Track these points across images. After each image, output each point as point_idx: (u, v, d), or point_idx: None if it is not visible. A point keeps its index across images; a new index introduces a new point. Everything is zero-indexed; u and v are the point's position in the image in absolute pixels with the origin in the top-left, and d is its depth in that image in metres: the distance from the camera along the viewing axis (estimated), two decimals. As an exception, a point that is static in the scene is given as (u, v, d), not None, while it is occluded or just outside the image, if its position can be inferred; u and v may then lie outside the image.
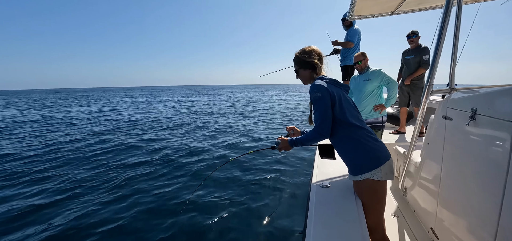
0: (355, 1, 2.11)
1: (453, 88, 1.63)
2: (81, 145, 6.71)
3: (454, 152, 1.43)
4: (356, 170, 1.29)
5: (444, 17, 1.54)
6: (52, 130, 9.27)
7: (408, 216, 1.93)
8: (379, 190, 1.29)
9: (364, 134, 1.28)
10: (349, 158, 1.32)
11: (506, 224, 1.01)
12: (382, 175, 1.24)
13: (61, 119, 12.16)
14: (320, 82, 1.32)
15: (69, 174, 4.50)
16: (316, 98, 1.28)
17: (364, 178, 1.26)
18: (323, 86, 1.29)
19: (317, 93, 1.28)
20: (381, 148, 1.29)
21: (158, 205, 3.36)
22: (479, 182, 1.20)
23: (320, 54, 1.47)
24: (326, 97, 1.27)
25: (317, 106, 1.28)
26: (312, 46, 1.48)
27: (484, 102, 1.17)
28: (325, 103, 1.26)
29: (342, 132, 1.30)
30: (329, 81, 1.36)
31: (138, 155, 5.70)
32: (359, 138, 1.27)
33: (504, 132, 1.02)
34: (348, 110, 1.31)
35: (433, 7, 2.66)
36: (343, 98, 1.33)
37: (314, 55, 1.44)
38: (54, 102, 27.65)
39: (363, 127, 1.31)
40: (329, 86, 1.31)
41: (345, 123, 1.29)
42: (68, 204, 3.38)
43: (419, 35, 3.54)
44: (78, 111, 16.60)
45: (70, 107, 20.06)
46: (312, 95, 1.31)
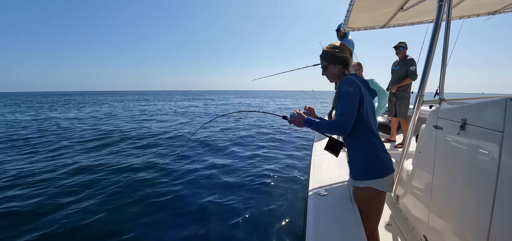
0: (349, 14, 2.19)
1: (443, 99, 1.70)
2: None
3: (445, 161, 1.48)
4: (361, 175, 1.28)
5: (434, 31, 1.62)
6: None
7: (400, 224, 1.97)
8: (379, 200, 1.30)
9: (378, 143, 1.28)
10: (359, 162, 1.29)
11: (497, 231, 1.05)
12: (384, 186, 1.25)
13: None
14: (354, 78, 1.28)
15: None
16: (346, 93, 1.23)
17: (367, 186, 1.26)
18: (356, 82, 1.26)
19: (349, 87, 1.23)
20: (388, 160, 1.29)
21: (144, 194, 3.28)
22: (469, 190, 1.25)
23: (351, 50, 1.41)
24: (356, 94, 1.23)
25: (345, 101, 1.23)
26: (341, 42, 1.41)
27: (473, 113, 1.22)
28: (354, 100, 1.22)
29: (360, 135, 1.26)
30: (361, 79, 1.33)
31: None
32: (373, 146, 1.26)
33: (493, 141, 1.07)
34: (371, 116, 1.29)
35: (422, 22, 2.79)
36: (368, 103, 1.30)
37: (345, 50, 1.38)
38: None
39: (378, 136, 1.30)
40: (361, 84, 1.29)
41: (365, 127, 1.26)
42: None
43: (407, 46, 3.65)
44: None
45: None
46: (343, 88, 1.25)
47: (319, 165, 1.99)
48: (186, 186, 4.08)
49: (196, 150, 6.40)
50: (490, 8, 2.58)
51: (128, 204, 3.44)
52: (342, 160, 2.04)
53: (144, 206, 3.41)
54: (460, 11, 2.60)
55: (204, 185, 4.15)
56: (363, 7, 2.14)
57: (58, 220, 3.02)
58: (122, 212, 3.26)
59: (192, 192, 3.87)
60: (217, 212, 3.29)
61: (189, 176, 4.52)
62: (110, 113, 16.52)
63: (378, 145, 1.28)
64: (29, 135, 8.46)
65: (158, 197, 3.68)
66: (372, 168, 1.25)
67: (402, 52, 3.65)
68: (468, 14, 2.71)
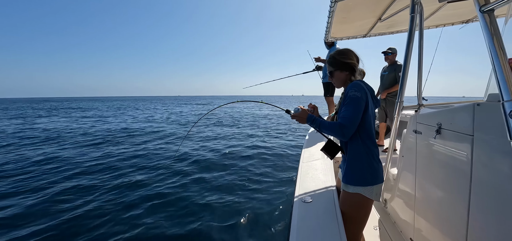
0: (330, 25, 2.28)
1: (421, 104, 1.77)
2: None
3: (425, 164, 1.53)
4: (353, 180, 1.30)
5: (408, 41, 1.71)
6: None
7: (389, 227, 2.00)
8: (365, 206, 1.31)
9: (375, 151, 1.31)
10: (353, 167, 1.30)
11: (474, 227, 1.09)
12: (373, 195, 1.28)
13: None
14: (362, 84, 1.30)
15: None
16: (354, 97, 1.23)
17: (356, 192, 1.28)
18: (363, 88, 1.28)
19: (357, 92, 1.24)
20: (380, 170, 1.32)
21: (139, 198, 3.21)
22: (447, 191, 1.29)
23: (358, 56, 1.41)
24: (363, 100, 1.24)
25: (351, 106, 1.23)
26: (348, 48, 1.42)
27: (447, 118, 1.28)
28: (360, 106, 1.23)
29: (360, 141, 1.28)
30: (369, 88, 1.35)
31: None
32: (370, 154, 1.28)
33: (465, 144, 1.12)
34: (372, 124, 1.32)
35: (401, 31, 2.92)
36: (372, 111, 1.33)
37: (352, 56, 1.38)
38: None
39: (376, 145, 1.33)
40: (368, 92, 1.31)
41: (366, 134, 1.28)
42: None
43: (396, 52, 3.70)
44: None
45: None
46: (351, 92, 1.25)
47: (306, 172, 2.01)
48: (171, 188, 4.12)
49: (192, 149, 6.37)
50: (463, 17, 2.73)
51: (126, 206, 3.44)
52: (328, 167, 2.07)
53: (141, 208, 3.42)
54: (436, 21, 2.74)
55: (194, 187, 4.18)
56: (342, 18, 2.23)
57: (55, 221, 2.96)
58: (120, 213, 3.22)
59: (177, 192, 3.86)
60: (196, 215, 3.29)
61: (178, 178, 4.53)
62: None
63: (375, 153, 1.30)
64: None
65: (153, 199, 3.72)
66: (365, 175, 1.27)
67: (391, 57, 3.71)
68: (443, 23, 2.86)
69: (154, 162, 5.84)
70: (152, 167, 5.44)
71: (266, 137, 9.64)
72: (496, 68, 0.83)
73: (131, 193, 4.00)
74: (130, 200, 3.76)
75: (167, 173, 5.14)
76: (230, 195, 3.98)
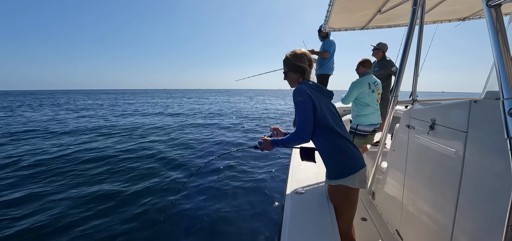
0: (330, 15, 2.22)
1: (415, 99, 1.77)
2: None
3: (416, 158, 1.55)
4: (332, 174, 1.33)
5: (408, 35, 1.68)
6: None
7: (376, 219, 2.04)
8: (351, 196, 1.33)
9: (344, 141, 1.32)
10: (329, 162, 1.35)
11: (461, 223, 1.11)
12: (356, 183, 1.28)
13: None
14: (303, 87, 1.33)
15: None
16: (298, 102, 1.30)
17: (338, 184, 1.30)
18: (305, 91, 1.30)
19: (299, 97, 1.30)
20: (357, 157, 1.33)
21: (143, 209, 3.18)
22: (437, 186, 1.31)
23: (311, 59, 1.46)
24: (307, 102, 1.28)
25: (298, 110, 1.30)
26: (303, 50, 1.46)
27: (441, 114, 1.28)
28: (306, 108, 1.28)
29: (323, 137, 1.31)
30: (312, 86, 1.37)
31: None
32: (339, 145, 1.30)
33: (458, 141, 1.13)
34: (330, 117, 1.33)
35: (399, 25, 2.90)
36: (324, 105, 1.34)
37: (304, 59, 1.43)
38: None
39: (344, 135, 1.34)
40: (311, 91, 1.32)
41: (326, 128, 1.31)
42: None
43: (385, 48, 3.66)
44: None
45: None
46: (295, 99, 1.32)
47: (298, 164, 2.01)
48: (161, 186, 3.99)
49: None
50: (461, 15, 2.73)
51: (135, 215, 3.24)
52: (320, 159, 2.07)
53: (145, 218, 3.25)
54: (434, 16, 2.72)
55: (184, 178, 4.10)
56: (342, 8, 2.17)
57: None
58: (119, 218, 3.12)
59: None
60: (193, 209, 3.27)
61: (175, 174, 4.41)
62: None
63: (343, 143, 1.32)
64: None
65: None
66: (341, 166, 1.29)
67: (377, 53, 3.68)
68: (441, 19, 2.85)
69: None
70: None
71: (256, 127, 9.65)
72: (498, 65, 0.81)
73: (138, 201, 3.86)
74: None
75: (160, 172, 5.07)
76: (222, 187, 3.98)
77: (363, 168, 1.33)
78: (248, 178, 4.34)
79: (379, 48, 3.67)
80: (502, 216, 0.75)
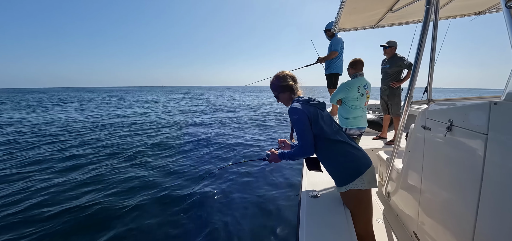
0: (340, 15, 2.21)
1: (431, 99, 1.74)
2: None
3: (433, 160, 1.52)
4: (340, 181, 1.36)
5: (422, 33, 1.65)
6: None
7: (391, 220, 2.02)
8: (364, 198, 1.34)
9: (344, 146, 1.36)
10: (333, 171, 1.40)
11: (482, 228, 1.09)
12: (365, 184, 1.30)
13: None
14: (296, 105, 1.40)
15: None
16: (295, 121, 1.37)
17: (349, 189, 1.32)
18: (299, 108, 1.38)
19: (295, 116, 1.37)
20: (361, 157, 1.35)
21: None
22: (456, 189, 1.29)
23: (293, 76, 1.58)
24: (303, 118, 1.35)
25: (297, 128, 1.37)
26: (284, 71, 1.58)
27: (459, 115, 1.26)
28: (304, 124, 1.35)
29: (323, 147, 1.37)
30: (305, 101, 1.44)
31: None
32: (340, 151, 1.35)
33: (477, 143, 1.11)
34: (327, 126, 1.39)
35: (411, 22, 2.84)
36: (319, 116, 1.40)
37: (288, 79, 1.54)
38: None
39: (344, 140, 1.38)
40: (305, 107, 1.39)
41: (324, 139, 1.36)
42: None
43: (395, 45, 3.66)
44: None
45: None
46: (291, 118, 1.40)
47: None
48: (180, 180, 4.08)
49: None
50: (476, 9, 2.65)
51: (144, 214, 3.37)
52: None
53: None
54: (448, 12, 2.66)
55: (199, 180, 4.20)
56: (352, 9, 2.16)
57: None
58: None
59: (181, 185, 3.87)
60: (207, 211, 3.33)
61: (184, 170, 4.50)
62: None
63: (343, 148, 1.36)
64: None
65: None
66: (347, 172, 1.32)
67: (389, 51, 3.67)
68: (455, 15, 2.78)
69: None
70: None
71: (268, 128, 9.65)
72: None
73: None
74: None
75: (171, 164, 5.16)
76: (236, 189, 4.02)
77: (369, 167, 1.34)
78: (260, 181, 4.37)
79: (392, 46, 3.64)
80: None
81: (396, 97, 3.75)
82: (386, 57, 3.81)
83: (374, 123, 4.40)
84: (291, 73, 1.58)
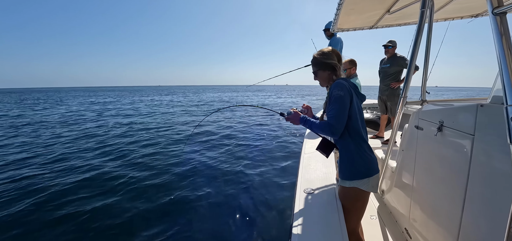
0: (338, 16, 2.25)
1: (424, 100, 1.79)
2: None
3: (425, 159, 1.58)
4: (347, 176, 1.35)
5: (417, 36, 1.70)
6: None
7: (385, 217, 2.07)
8: (363, 199, 1.37)
9: (363, 145, 1.34)
10: (345, 162, 1.36)
11: (467, 222, 1.14)
12: (369, 187, 1.32)
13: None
14: (344, 82, 1.34)
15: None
16: (337, 97, 1.28)
17: (352, 186, 1.33)
18: (346, 86, 1.32)
19: (340, 91, 1.29)
20: (373, 162, 1.36)
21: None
22: (444, 187, 1.34)
23: (339, 55, 1.46)
24: (347, 98, 1.28)
25: (336, 105, 1.28)
26: (330, 48, 1.46)
27: (449, 116, 1.31)
28: (344, 104, 1.28)
29: (348, 137, 1.33)
30: (350, 85, 1.38)
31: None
32: (359, 147, 1.33)
33: (465, 143, 1.16)
34: (360, 119, 1.36)
35: (408, 23, 2.88)
36: (357, 106, 1.36)
37: (333, 57, 1.43)
38: None
39: (366, 139, 1.37)
40: (351, 89, 1.34)
41: (354, 130, 1.32)
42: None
43: (395, 45, 3.73)
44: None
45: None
46: (334, 92, 1.30)
47: (307, 163, 2.06)
48: (184, 182, 4.15)
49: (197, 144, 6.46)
50: (473, 11, 2.68)
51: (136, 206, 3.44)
52: (330, 159, 2.12)
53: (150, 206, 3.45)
54: (445, 14, 2.69)
55: (200, 180, 4.24)
56: (351, 10, 2.20)
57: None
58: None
59: (189, 186, 3.94)
60: (204, 207, 3.38)
61: (188, 172, 4.59)
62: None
63: (365, 147, 1.35)
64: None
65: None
66: (358, 169, 1.32)
67: (390, 51, 3.74)
68: (452, 17, 2.81)
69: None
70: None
71: (266, 126, 9.69)
72: (503, 71, 0.84)
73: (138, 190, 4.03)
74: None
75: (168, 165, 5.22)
76: (231, 186, 4.07)
77: (377, 173, 1.36)
78: (255, 177, 4.41)
79: (394, 45, 3.69)
80: (506, 217, 0.79)
81: (396, 97, 3.79)
82: (386, 56, 3.85)
83: (372, 122, 4.45)
84: (338, 52, 1.46)
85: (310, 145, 2.51)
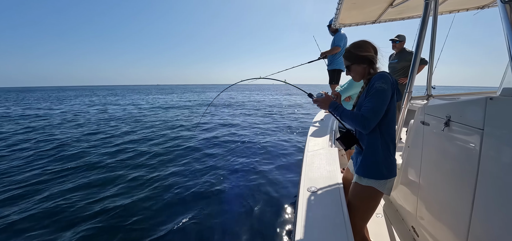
0: (339, 11, 2.21)
1: (430, 95, 1.74)
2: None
3: (431, 155, 1.53)
4: (366, 173, 1.28)
5: (421, 28, 1.65)
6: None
7: (391, 215, 2.03)
8: (376, 200, 1.32)
9: (392, 147, 1.28)
10: (369, 159, 1.28)
11: (477, 221, 1.10)
12: (385, 189, 1.28)
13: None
14: (389, 76, 1.25)
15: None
16: (380, 89, 1.18)
17: (369, 185, 1.27)
18: (390, 80, 1.23)
19: (384, 84, 1.19)
20: (394, 164, 1.31)
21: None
22: (452, 184, 1.30)
23: (376, 47, 1.34)
24: (388, 93, 1.19)
25: (376, 97, 1.19)
26: (365, 39, 1.34)
27: (457, 111, 1.26)
28: (385, 99, 1.19)
29: (379, 134, 1.25)
30: (394, 80, 1.29)
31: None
32: (388, 148, 1.27)
33: (474, 138, 1.11)
34: (394, 118, 1.28)
35: (412, 17, 2.82)
36: (394, 104, 1.28)
37: (369, 48, 1.31)
38: None
39: (394, 140, 1.31)
40: (394, 85, 1.26)
41: (386, 128, 1.25)
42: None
43: (404, 39, 3.60)
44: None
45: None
46: (377, 83, 1.20)
47: (311, 161, 2.03)
48: (186, 172, 4.17)
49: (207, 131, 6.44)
50: (479, 3, 2.61)
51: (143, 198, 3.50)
52: (333, 156, 2.08)
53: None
54: (450, 6, 2.63)
55: (202, 177, 4.25)
56: (352, 4, 2.15)
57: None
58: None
59: (187, 180, 3.96)
60: (209, 204, 3.39)
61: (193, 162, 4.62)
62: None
63: (391, 149, 1.29)
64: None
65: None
66: (381, 169, 1.26)
67: (398, 46, 3.63)
68: (457, 9, 2.75)
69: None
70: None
71: (268, 123, 9.67)
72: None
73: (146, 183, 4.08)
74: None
75: (173, 157, 5.23)
76: (234, 183, 4.06)
77: (395, 177, 1.32)
78: (258, 175, 4.40)
79: (402, 40, 3.59)
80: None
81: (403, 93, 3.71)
82: (394, 52, 3.77)
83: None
84: (374, 44, 1.33)
85: (313, 143, 2.48)
